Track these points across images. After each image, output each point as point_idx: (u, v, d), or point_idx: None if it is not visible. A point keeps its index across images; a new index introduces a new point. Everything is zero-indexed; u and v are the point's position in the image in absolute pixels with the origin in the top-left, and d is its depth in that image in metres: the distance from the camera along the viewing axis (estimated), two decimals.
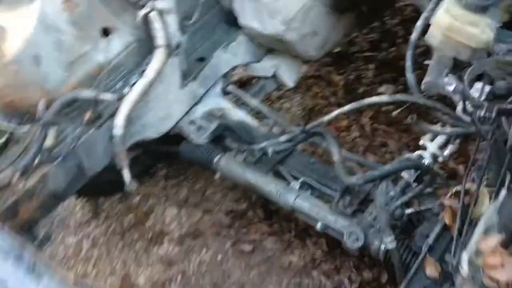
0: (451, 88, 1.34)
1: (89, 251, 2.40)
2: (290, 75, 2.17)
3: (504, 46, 1.27)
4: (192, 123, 2.00)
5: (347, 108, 1.70)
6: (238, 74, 2.21)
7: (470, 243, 1.15)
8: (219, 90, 2.07)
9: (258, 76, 2.18)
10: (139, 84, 1.77)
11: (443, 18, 1.32)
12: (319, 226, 1.69)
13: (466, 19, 1.29)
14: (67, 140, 1.74)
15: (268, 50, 2.16)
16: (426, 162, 1.58)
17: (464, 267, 1.12)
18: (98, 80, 1.78)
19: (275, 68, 2.14)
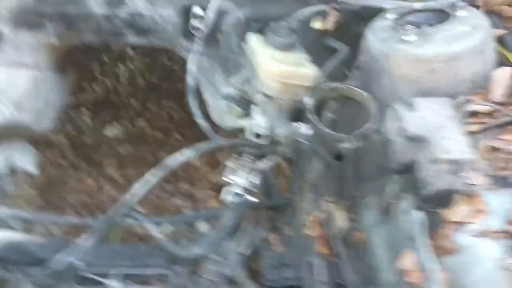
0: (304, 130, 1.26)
1: None
2: (28, 160, 1.79)
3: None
4: None
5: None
6: None
7: None
8: None
9: None
10: None
11: (273, 66, 1.28)
12: None
13: (290, 60, 1.28)
14: None
15: None
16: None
17: None
18: None
19: (9, 160, 1.73)
